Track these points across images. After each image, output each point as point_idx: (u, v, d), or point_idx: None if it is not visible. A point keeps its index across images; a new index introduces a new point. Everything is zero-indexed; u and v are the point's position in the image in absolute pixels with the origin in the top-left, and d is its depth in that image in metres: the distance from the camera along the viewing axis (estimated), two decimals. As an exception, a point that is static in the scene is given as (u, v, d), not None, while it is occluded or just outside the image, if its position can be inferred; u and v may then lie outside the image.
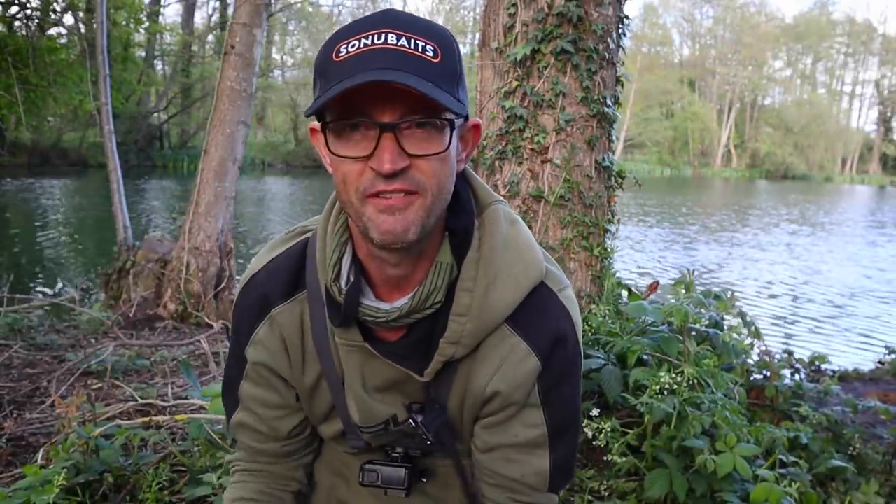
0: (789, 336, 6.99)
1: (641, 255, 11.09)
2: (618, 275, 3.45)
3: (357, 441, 1.16)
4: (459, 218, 1.01)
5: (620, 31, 3.15)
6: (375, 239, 0.90)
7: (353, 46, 0.84)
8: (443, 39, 0.88)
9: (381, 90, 0.83)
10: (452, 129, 0.89)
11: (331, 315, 1.03)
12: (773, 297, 9.19)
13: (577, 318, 1.08)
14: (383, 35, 0.84)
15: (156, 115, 31.63)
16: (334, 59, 0.85)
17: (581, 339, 1.10)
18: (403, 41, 0.84)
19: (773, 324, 7.50)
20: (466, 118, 0.96)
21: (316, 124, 0.93)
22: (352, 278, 1.00)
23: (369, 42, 0.84)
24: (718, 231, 16.16)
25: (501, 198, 1.07)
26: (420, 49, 0.85)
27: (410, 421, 1.08)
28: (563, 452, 1.12)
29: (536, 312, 1.04)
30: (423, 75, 0.83)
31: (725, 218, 19.71)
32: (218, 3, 33.39)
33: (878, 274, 11.30)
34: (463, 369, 1.06)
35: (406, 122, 0.86)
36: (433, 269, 0.98)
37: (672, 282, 3.52)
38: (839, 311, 8.46)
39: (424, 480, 1.19)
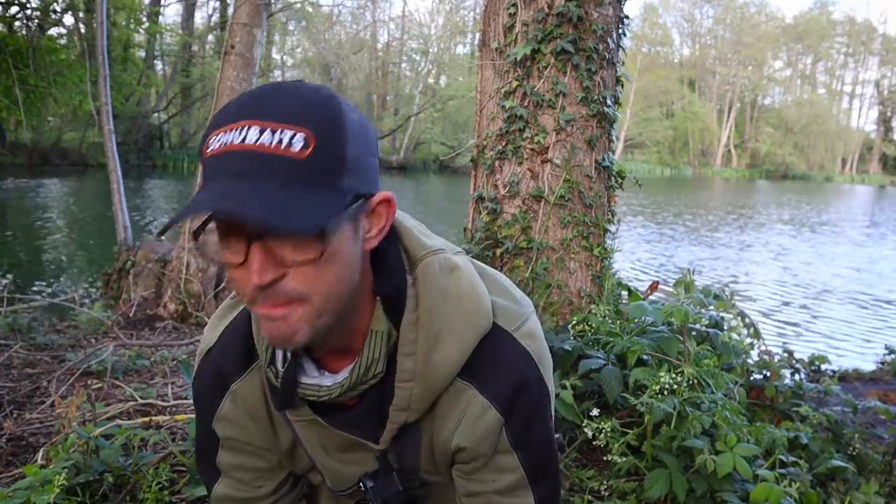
0: (778, 334, 7.00)
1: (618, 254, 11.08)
2: (617, 275, 3.45)
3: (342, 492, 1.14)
4: (387, 281, 0.93)
5: (620, 31, 3.16)
6: (267, 343, 0.86)
7: (218, 141, 0.77)
8: (319, 120, 0.76)
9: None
10: (324, 234, 0.78)
11: (272, 399, 0.98)
12: (754, 298, 9.22)
13: (539, 353, 1.02)
14: (244, 130, 0.75)
15: (156, 115, 31.63)
16: (205, 152, 0.78)
17: (548, 371, 1.04)
18: (266, 136, 0.74)
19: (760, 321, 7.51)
20: (370, 195, 0.85)
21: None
22: (289, 356, 0.94)
23: (228, 140, 0.76)
24: (696, 230, 16.13)
25: (441, 245, 0.99)
26: (284, 144, 0.74)
27: (361, 485, 1.07)
28: (546, 488, 1.08)
29: (490, 361, 0.97)
30: (280, 177, 0.74)
31: (711, 217, 19.71)
32: (218, 3, 33.42)
33: (852, 274, 11.26)
34: (425, 426, 1.02)
35: (271, 232, 0.76)
36: (369, 339, 0.92)
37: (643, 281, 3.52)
38: (811, 312, 8.47)
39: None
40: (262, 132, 0.75)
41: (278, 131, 0.75)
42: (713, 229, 16.50)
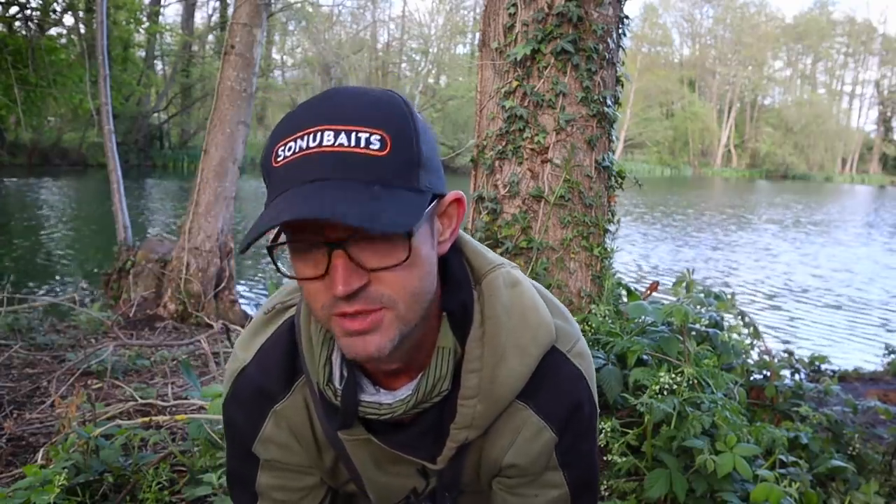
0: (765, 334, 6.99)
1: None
2: (617, 275, 3.45)
3: None
4: (454, 296, 0.92)
5: (620, 31, 3.15)
6: (347, 357, 0.83)
7: (289, 149, 0.74)
8: (392, 120, 0.75)
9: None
10: (411, 234, 0.76)
11: (328, 418, 0.94)
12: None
13: (590, 372, 1.02)
14: (318, 134, 0.73)
15: (156, 115, 31.62)
16: (273, 163, 0.76)
17: (595, 391, 1.04)
18: (342, 138, 0.73)
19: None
20: (443, 195, 0.84)
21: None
22: (345, 373, 0.92)
23: (304, 145, 0.73)
24: (682, 230, 16.13)
25: (501, 260, 0.98)
26: (363, 143, 0.73)
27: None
28: (586, 502, 1.08)
29: (548, 382, 0.97)
30: (364, 178, 0.72)
31: (702, 217, 19.71)
32: (218, 3, 33.41)
33: (830, 274, 11.25)
34: (475, 444, 1.00)
35: (357, 236, 0.74)
36: (435, 356, 0.90)
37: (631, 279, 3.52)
38: (789, 311, 8.47)
39: None
40: (337, 135, 0.73)
41: (353, 133, 0.73)
42: (698, 229, 16.50)
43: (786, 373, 3.20)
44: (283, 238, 0.80)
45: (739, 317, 3.02)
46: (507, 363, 0.92)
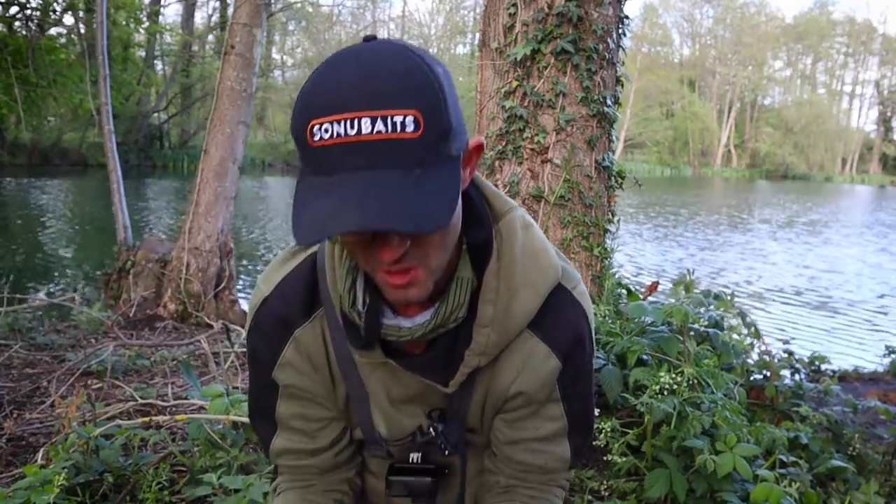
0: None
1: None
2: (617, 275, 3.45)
3: (378, 450, 1.17)
4: (478, 232, 1.00)
5: (620, 31, 3.15)
6: (391, 301, 0.95)
7: (326, 132, 0.77)
8: (423, 96, 0.78)
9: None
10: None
11: (350, 339, 1.02)
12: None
13: (590, 312, 1.11)
14: (357, 122, 0.76)
15: (156, 115, 31.61)
16: (311, 142, 0.79)
17: (593, 332, 1.13)
18: (380, 125, 0.76)
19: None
20: (467, 145, 0.90)
21: None
22: (367, 300, 0.99)
23: (342, 131, 0.77)
24: (672, 230, 16.10)
25: (514, 203, 1.06)
26: (399, 128, 0.76)
27: (431, 430, 1.10)
28: (581, 439, 1.17)
29: (554, 314, 1.05)
30: (405, 162, 0.77)
31: (692, 217, 19.70)
32: (218, 3, 33.41)
33: (819, 274, 11.25)
34: (484, 374, 1.07)
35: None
36: (455, 286, 0.97)
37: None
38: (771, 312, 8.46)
39: (447, 471, 1.22)
40: (374, 122, 0.76)
41: (389, 118, 0.76)
42: (690, 230, 16.46)
43: (786, 373, 3.20)
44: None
45: (739, 317, 3.02)
46: (519, 297, 1.00)
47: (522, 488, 1.17)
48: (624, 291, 3.33)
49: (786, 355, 3.33)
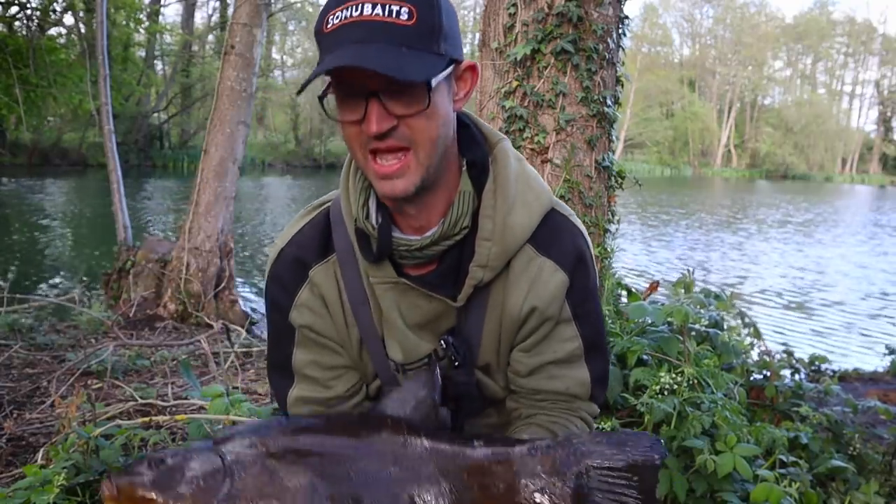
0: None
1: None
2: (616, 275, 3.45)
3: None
4: (475, 151, 1.12)
5: (620, 31, 3.15)
6: (380, 196, 1.05)
7: (336, 18, 0.94)
8: None
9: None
10: (430, 88, 0.96)
11: (364, 253, 1.11)
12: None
13: (587, 238, 1.20)
14: (360, 6, 0.93)
15: (156, 115, 31.60)
16: (324, 30, 0.96)
17: (594, 259, 1.21)
18: (378, 10, 0.93)
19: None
20: (460, 61, 1.04)
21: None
22: (380, 218, 1.10)
23: (348, 14, 0.94)
24: (664, 229, 16.10)
25: (503, 135, 1.18)
26: (394, 14, 0.93)
27: (442, 342, 1.16)
28: (598, 365, 1.22)
29: (554, 233, 1.16)
30: (394, 41, 0.93)
31: (687, 217, 19.69)
32: (218, 3, 33.41)
33: (802, 274, 11.24)
34: (496, 296, 1.15)
35: (389, 88, 0.95)
36: (458, 198, 1.09)
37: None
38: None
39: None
40: (374, 7, 0.93)
41: (388, 5, 0.93)
42: (684, 229, 16.48)
43: (786, 373, 3.20)
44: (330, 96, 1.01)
45: (739, 317, 3.02)
46: (515, 213, 1.11)
47: (543, 415, 1.21)
48: (624, 291, 3.33)
49: (786, 355, 3.33)
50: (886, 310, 8.77)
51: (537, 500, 0.98)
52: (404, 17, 0.93)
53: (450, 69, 1.01)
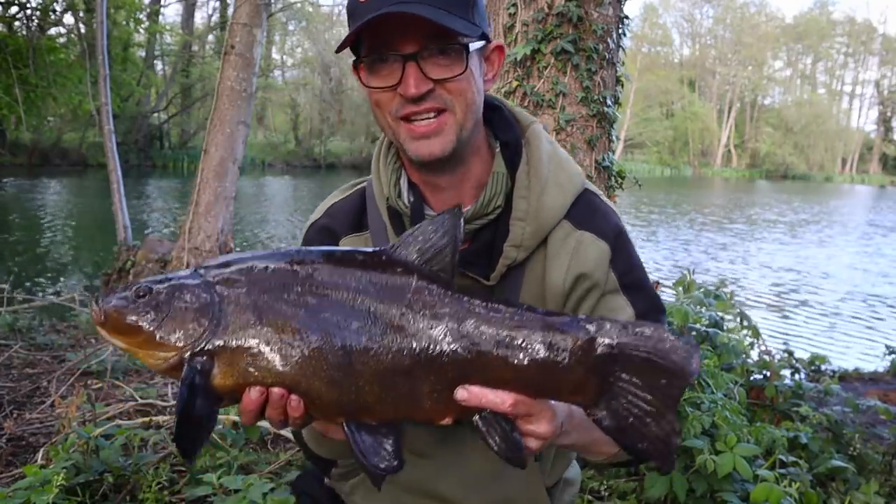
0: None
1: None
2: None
3: None
4: (508, 132, 1.13)
5: (620, 31, 3.15)
6: (414, 159, 1.04)
7: None
8: None
9: (400, 24, 0.95)
10: (468, 52, 1.00)
11: (397, 231, 1.12)
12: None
13: (622, 221, 1.19)
14: None
15: (156, 115, 31.59)
16: (359, 1, 0.98)
17: (631, 240, 1.20)
18: None
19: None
20: (488, 40, 1.06)
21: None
22: (412, 197, 1.11)
23: None
24: (657, 229, 16.10)
25: (535, 118, 1.19)
26: None
27: None
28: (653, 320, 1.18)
29: (591, 210, 1.15)
30: (433, 3, 0.95)
31: (682, 216, 19.66)
32: (218, 3, 33.40)
33: (781, 273, 11.25)
34: (533, 274, 1.13)
35: (426, 51, 0.97)
36: (492, 178, 1.10)
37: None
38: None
39: None
40: None
41: None
42: (678, 228, 16.46)
43: (786, 373, 3.20)
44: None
45: (739, 317, 3.02)
46: (549, 193, 1.12)
47: None
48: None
49: (786, 355, 3.33)
50: (887, 310, 8.77)
51: (547, 371, 0.87)
52: None
53: (482, 43, 1.04)
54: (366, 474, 1.03)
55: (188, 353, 0.86)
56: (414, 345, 0.86)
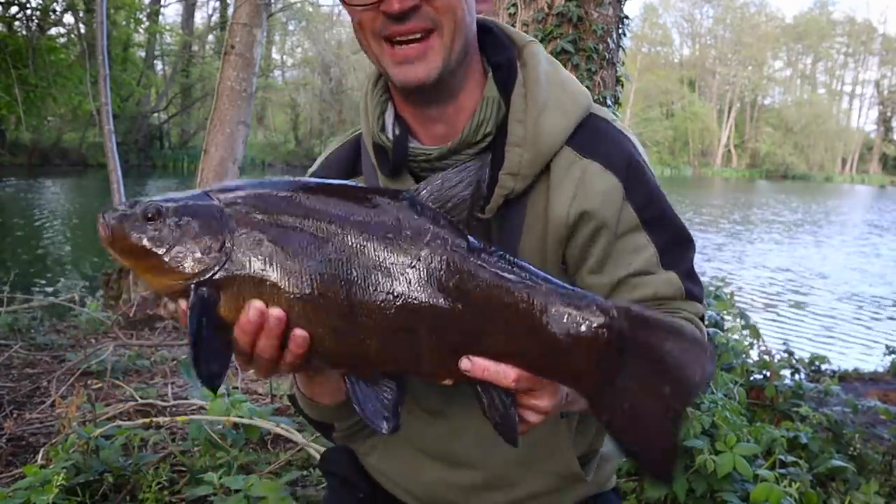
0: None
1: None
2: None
3: None
4: (500, 53, 1.04)
5: (620, 31, 3.15)
6: (398, 85, 0.97)
7: None
8: None
9: None
10: None
11: (381, 167, 1.06)
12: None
13: (640, 147, 1.08)
14: None
15: (156, 115, 31.61)
16: None
17: (649, 164, 1.09)
18: None
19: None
20: None
21: None
22: (397, 130, 1.04)
23: None
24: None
25: (534, 39, 1.10)
26: None
27: None
28: (682, 262, 1.08)
29: (597, 136, 1.05)
30: None
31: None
32: (218, 3, 33.42)
33: (772, 274, 11.23)
34: (535, 207, 1.04)
35: None
36: (482, 104, 1.01)
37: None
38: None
39: None
40: None
41: None
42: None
43: (786, 373, 3.20)
44: None
45: (739, 317, 3.02)
46: (548, 116, 1.02)
47: None
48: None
49: (786, 355, 3.33)
50: (887, 310, 8.77)
51: (552, 350, 0.82)
52: None
53: None
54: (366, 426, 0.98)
55: (195, 281, 0.84)
56: (419, 299, 0.83)
